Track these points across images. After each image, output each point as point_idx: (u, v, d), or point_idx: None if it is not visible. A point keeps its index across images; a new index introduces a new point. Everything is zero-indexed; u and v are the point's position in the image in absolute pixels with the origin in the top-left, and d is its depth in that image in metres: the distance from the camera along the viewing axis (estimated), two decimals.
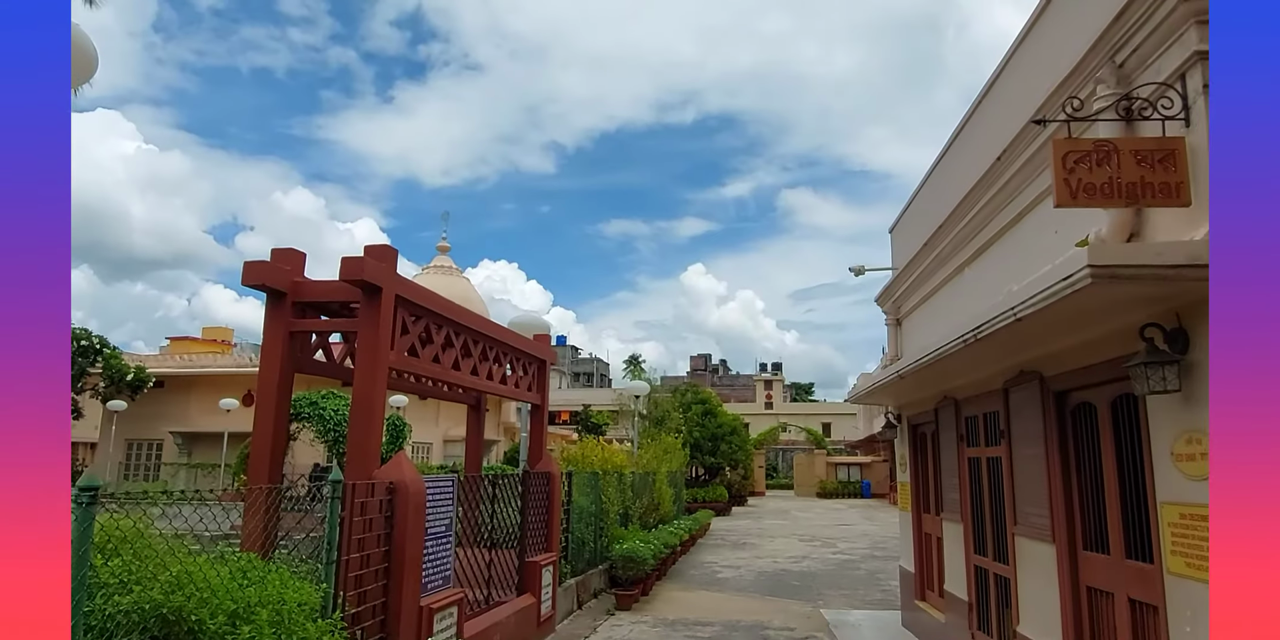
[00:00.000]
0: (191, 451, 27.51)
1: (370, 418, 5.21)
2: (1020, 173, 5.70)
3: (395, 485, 5.20)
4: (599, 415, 40.64)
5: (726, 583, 13.10)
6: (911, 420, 9.99)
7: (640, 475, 15.46)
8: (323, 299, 5.51)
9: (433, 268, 33.34)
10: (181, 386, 27.59)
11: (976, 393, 7.08)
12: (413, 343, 5.75)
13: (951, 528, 8.12)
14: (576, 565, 10.12)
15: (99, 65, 3.45)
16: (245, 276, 5.13)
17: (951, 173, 7.68)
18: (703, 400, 32.21)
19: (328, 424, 19.05)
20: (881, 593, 12.01)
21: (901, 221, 10.17)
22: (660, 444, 20.21)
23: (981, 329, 4.65)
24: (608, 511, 11.78)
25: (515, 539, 7.96)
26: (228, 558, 4.38)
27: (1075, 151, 3.74)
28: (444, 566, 6.05)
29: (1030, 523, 5.83)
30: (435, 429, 30.62)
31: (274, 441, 5.38)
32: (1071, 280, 3.49)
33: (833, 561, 15.90)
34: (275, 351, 5.36)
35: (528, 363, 8.56)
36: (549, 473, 8.73)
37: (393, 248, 5.29)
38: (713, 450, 31.00)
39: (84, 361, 22.83)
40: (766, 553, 17.34)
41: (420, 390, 7.78)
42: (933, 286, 8.57)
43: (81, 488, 2.87)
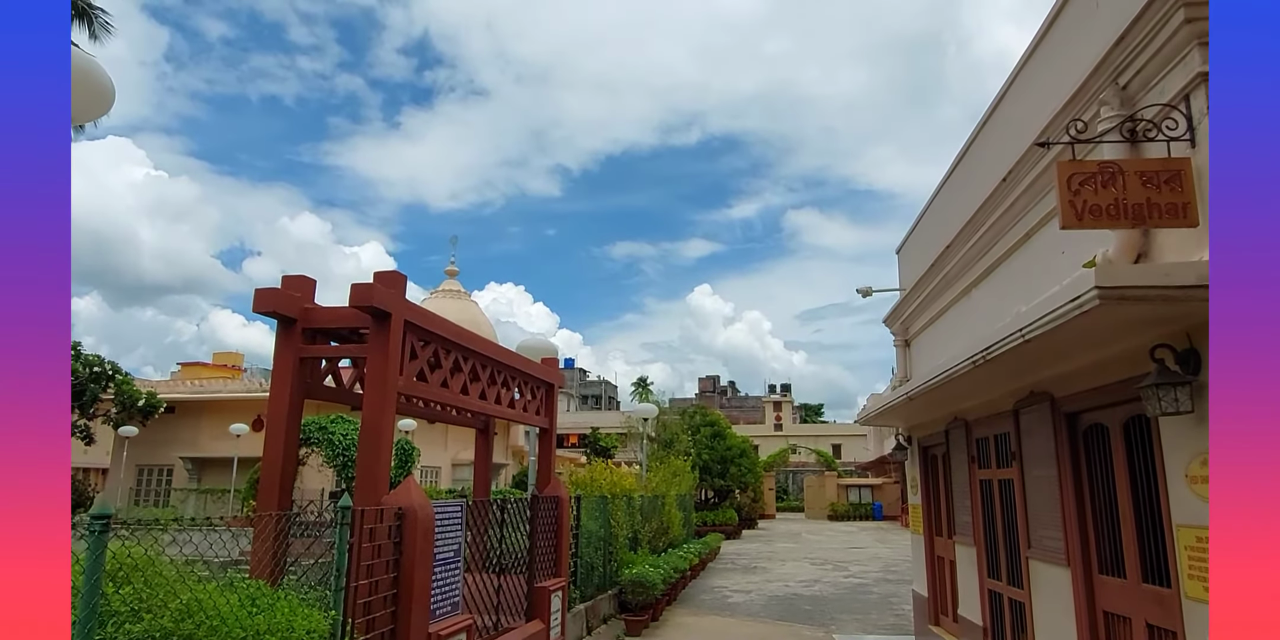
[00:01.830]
0: (201, 477, 27.49)
1: (379, 443, 5.21)
2: (1026, 194, 5.73)
3: (404, 511, 5.19)
4: (607, 438, 40.50)
5: (737, 607, 12.94)
6: (922, 442, 9.92)
7: (649, 499, 15.36)
8: (332, 325, 5.54)
9: (441, 292, 33.50)
10: (192, 412, 27.65)
11: (987, 414, 7.04)
12: (421, 367, 5.76)
13: (964, 551, 8.03)
14: (586, 590, 10.03)
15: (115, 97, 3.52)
16: (257, 304, 5.17)
17: (957, 194, 7.72)
18: (711, 422, 32.05)
19: (336, 448, 19.01)
20: (895, 617, 11.84)
21: (908, 242, 10.19)
22: (669, 467, 20.09)
23: (990, 350, 4.64)
24: (617, 536, 11.69)
25: (524, 564, 7.90)
26: (237, 585, 4.37)
27: (1080, 173, 3.76)
28: (453, 592, 6.01)
29: (1044, 546, 5.76)
30: (444, 453, 30.54)
31: (284, 467, 5.38)
32: (1079, 302, 3.49)
33: (845, 585, 15.70)
34: (285, 377, 5.38)
35: (536, 386, 8.56)
36: (557, 497, 8.68)
37: (401, 274, 5.32)
38: (722, 473, 30.78)
39: (96, 387, 22.88)
40: (778, 577, 17.14)
41: (429, 415, 7.78)
42: (940, 307, 8.57)
43: (94, 516, 2.87)
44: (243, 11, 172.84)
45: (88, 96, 3.37)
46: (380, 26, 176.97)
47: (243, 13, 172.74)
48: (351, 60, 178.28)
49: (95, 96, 3.39)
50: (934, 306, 8.82)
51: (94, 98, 3.39)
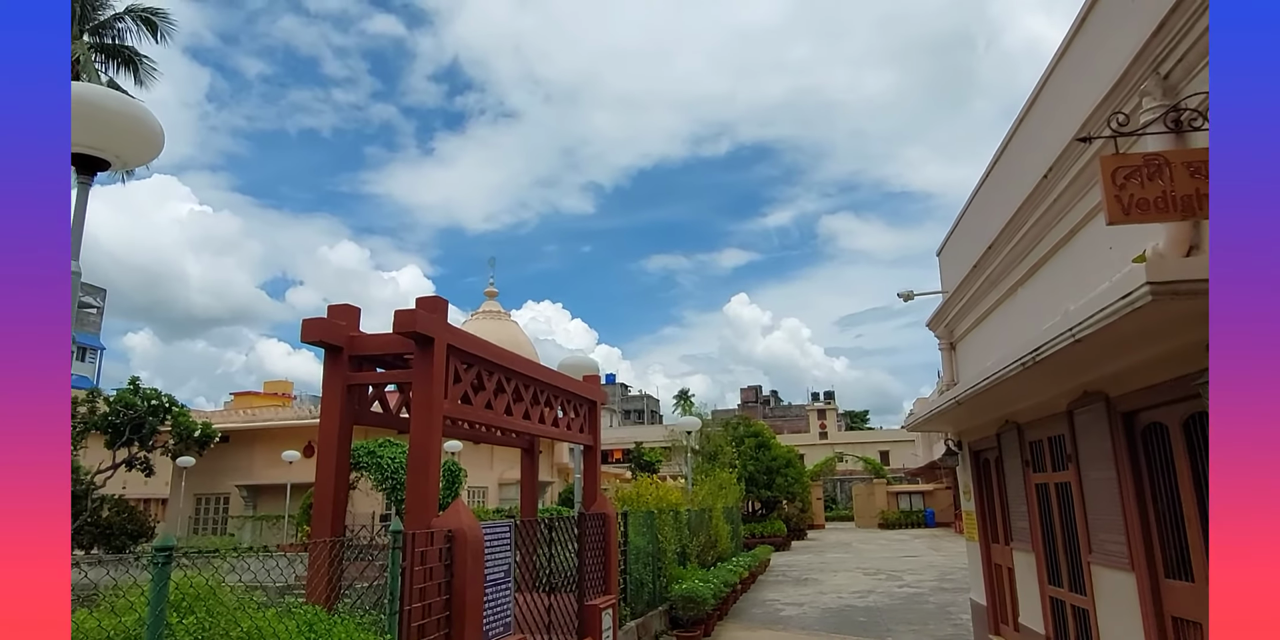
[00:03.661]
0: (257, 504, 28.05)
1: (427, 466, 5.27)
2: (1069, 190, 5.61)
3: (454, 533, 5.22)
4: (651, 452, 40.37)
5: (790, 620, 12.74)
6: (973, 447, 9.71)
7: (696, 512, 15.25)
8: (378, 352, 5.64)
9: (481, 313, 33.84)
10: (245, 440, 28.28)
11: (1039, 416, 6.87)
12: (465, 390, 5.83)
13: (1023, 558, 7.82)
14: (636, 607, 9.97)
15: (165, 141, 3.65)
16: (304, 334, 5.29)
17: (997, 193, 7.59)
18: (755, 433, 31.77)
19: (385, 472, 19.27)
20: (953, 627, 11.54)
21: (949, 244, 10.04)
22: (714, 479, 19.94)
23: (1040, 351, 4.53)
24: (665, 551, 11.61)
25: (573, 582, 7.89)
26: (295, 611, 4.43)
27: (1125, 167, 3.67)
28: (504, 612, 6.02)
29: (1106, 550, 5.58)
30: (490, 473, 30.74)
31: (336, 493, 5.47)
32: (1131, 298, 3.40)
33: (900, 595, 15.37)
34: (334, 405, 5.49)
35: (579, 404, 8.59)
36: (604, 514, 8.67)
37: (443, 298, 5.41)
38: (768, 484, 30.45)
39: (155, 420, 23.56)
40: (830, 588, 16.85)
41: (474, 436, 7.85)
42: (985, 309, 8.41)
43: (157, 548, 2.95)
44: (278, 48, 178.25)
45: (140, 142, 3.51)
46: (411, 55, 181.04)
47: (279, 49, 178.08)
48: (384, 90, 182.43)
49: (146, 141, 3.52)
50: (979, 308, 8.66)
51: (145, 143, 3.52)
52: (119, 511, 24.72)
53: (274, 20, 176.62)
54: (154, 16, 24.23)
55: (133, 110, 3.52)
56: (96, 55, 23.59)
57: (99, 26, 23.86)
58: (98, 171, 3.51)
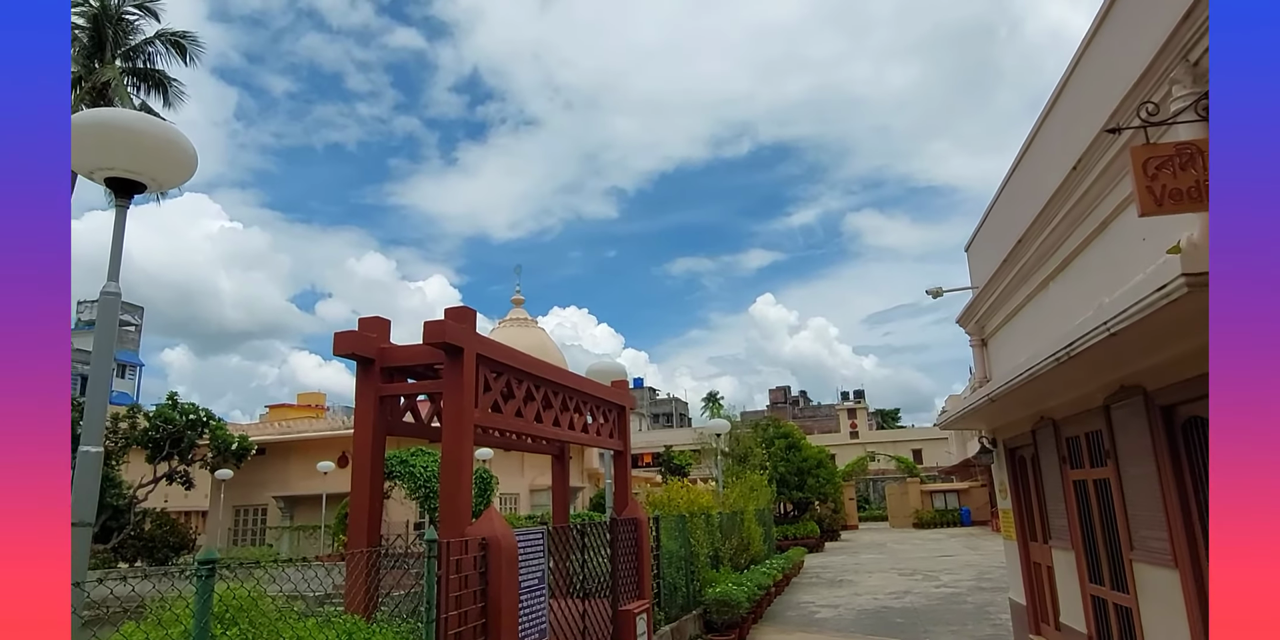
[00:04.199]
0: (293, 515, 28.45)
1: (460, 475, 5.31)
2: (1099, 182, 5.52)
3: (488, 541, 5.26)
4: (681, 455, 40.31)
5: (826, 623, 12.63)
6: (1008, 444, 9.57)
7: (727, 515, 15.19)
8: (408, 363, 5.70)
9: (509, 321, 34.07)
10: (281, 452, 28.70)
11: (1075, 412, 6.76)
12: (495, 399, 5.87)
13: (1062, 556, 7.68)
14: (670, 611, 9.95)
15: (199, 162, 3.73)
16: (336, 347, 5.37)
17: (1025, 186, 7.49)
18: (785, 434, 31.58)
19: (418, 480, 19.46)
20: (993, 627, 11.37)
21: (977, 239, 9.92)
22: (745, 482, 19.85)
23: (1074, 346, 4.46)
24: (697, 554, 11.58)
25: (607, 588, 7.90)
26: (334, 621, 4.49)
27: (1156, 157, 3.61)
28: (539, 619, 6.04)
29: (1148, 547, 5.47)
30: (521, 479, 30.87)
31: (371, 503, 5.53)
32: (1166, 290, 3.34)
33: (937, 596, 15.18)
34: (368, 416, 5.55)
35: (608, 409, 8.61)
36: (636, 519, 8.67)
37: (471, 309, 5.46)
38: (800, 485, 30.24)
39: (193, 435, 24.04)
40: (865, 589, 16.67)
41: (505, 444, 7.89)
42: (1017, 304, 8.29)
43: (201, 561, 3.00)
44: (303, 66, 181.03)
45: (174, 164, 3.59)
46: (432, 67, 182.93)
47: (303, 67, 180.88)
48: (407, 102, 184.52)
49: (180, 164, 3.61)
50: (1010, 303, 8.54)
51: (180, 165, 3.61)
52: (160, 525, 25.21)
53: (298, 38, 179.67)
54: (183, 39, 24.80)
55: (167, 133, 3.60)
56: (129, 79, 24.18)
57: (130, 51, 24.47)
58: (135, 194, 3.61)
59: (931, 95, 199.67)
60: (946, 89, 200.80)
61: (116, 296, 3.53)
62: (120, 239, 3.51)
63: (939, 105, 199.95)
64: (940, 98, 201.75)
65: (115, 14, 23.76)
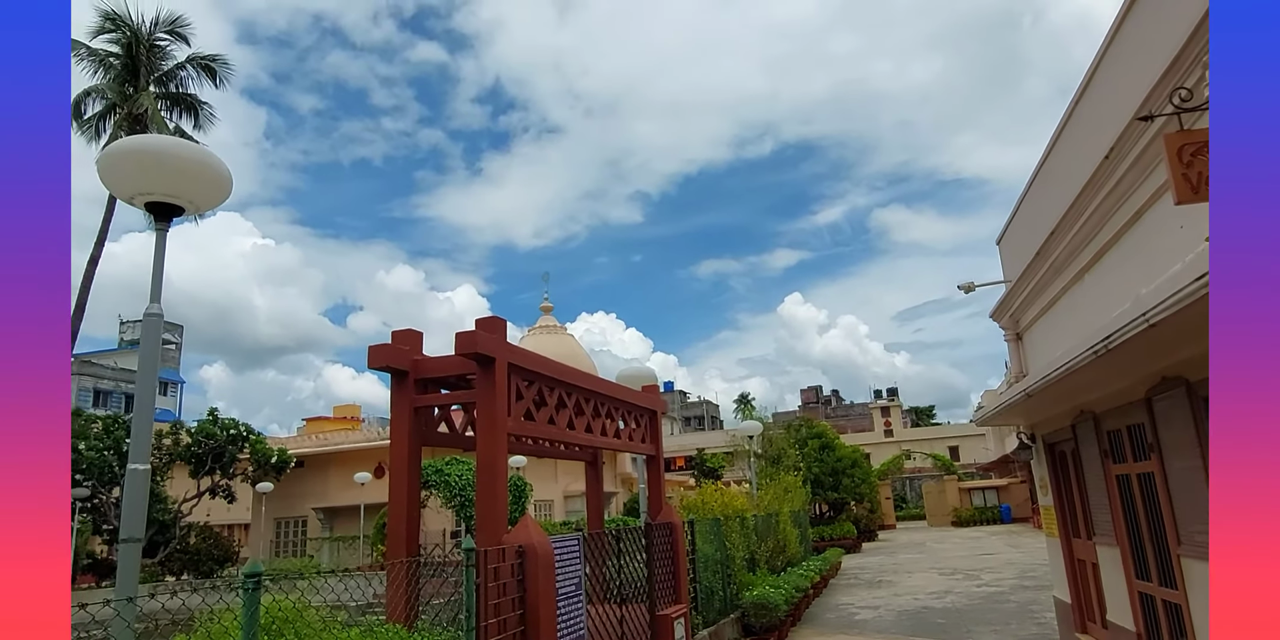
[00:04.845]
0: (333, 526, 28.84)
1: (495, 483, 5.35)
2: (1132, 170, 5.42)
3: (524, 548, 5.29)
4: (713, 458, 40.16)
5: (866, 624, 12.49)
6: (1047, 439, 9.41)
7: (762, 517, 15.10)
8: (441, 374, 5.76)
9: (538, 328, 34.27)
10: (319, 464, 29.13)
11: (1116, 405, 6.63)
12: (528, 407, 5.90)
13: (1107, 552, 7.53)
14: (707, 615, 9.91)
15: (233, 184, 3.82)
16: (371, 360, 5.45)
17: (1056, 177, 7.38)
18: (818, 434, 31.32)
19: (453, 489, 19.63)
20: (1037, 626, 11.16)
21: (1008, 232, 9.79)
22: (779, 483, 19.70)
23: (1111, 339, 4.38)
24: (733, 557, 11.52)
25: (644, 593, 7.89)
26: (377, 630, 4.54)
27: (1191, 143, 3.54)
28: (577, 625, 6.05)
29: (1196, 542, 5.34)
30: (555, 485, 30.99)
31: (409, 513, 5.59)
32: (1207, 279, 3.26)
33: (978, 595, 14.94)
34: (403, 428, 5.62)
35: (639, 415, 8.61)
36: (671, 523, 8.66)
37: (501, 318, 5.50)
38: (835, 485, 29.96)
39: (234, 449, 24.53)
40: (905, 589, 16.47)
41: (538, 451, 7.94)
42: (1051, 297, 8.16)
43: (247, 574, 3.06)
44: (329, 83, 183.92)
45: (211, 187, 3.68)
46: (454, 80, 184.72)
47: (329, 84, 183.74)
48: (431, 115, 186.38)
49: (217, 186, 3.69)
50: (1044, 296, 8.41)
51: (216, 188, 3.70)
52: (205, 538, 25.70)
53: (323, 56, 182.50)
54: (213, 62, 25.39)
55: (203, 157, 3.69)
56: (162, 103, 24.80)
57: (163, 76, 25.09)
58: (174, 218, 3.70)
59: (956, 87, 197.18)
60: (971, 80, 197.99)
61: (159, 317, 3.62)
62: (161, 262, 3.60)
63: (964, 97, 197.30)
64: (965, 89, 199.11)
65: (148, 41, 24.37)
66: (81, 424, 24.69)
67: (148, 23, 24.33)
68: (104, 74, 24.31)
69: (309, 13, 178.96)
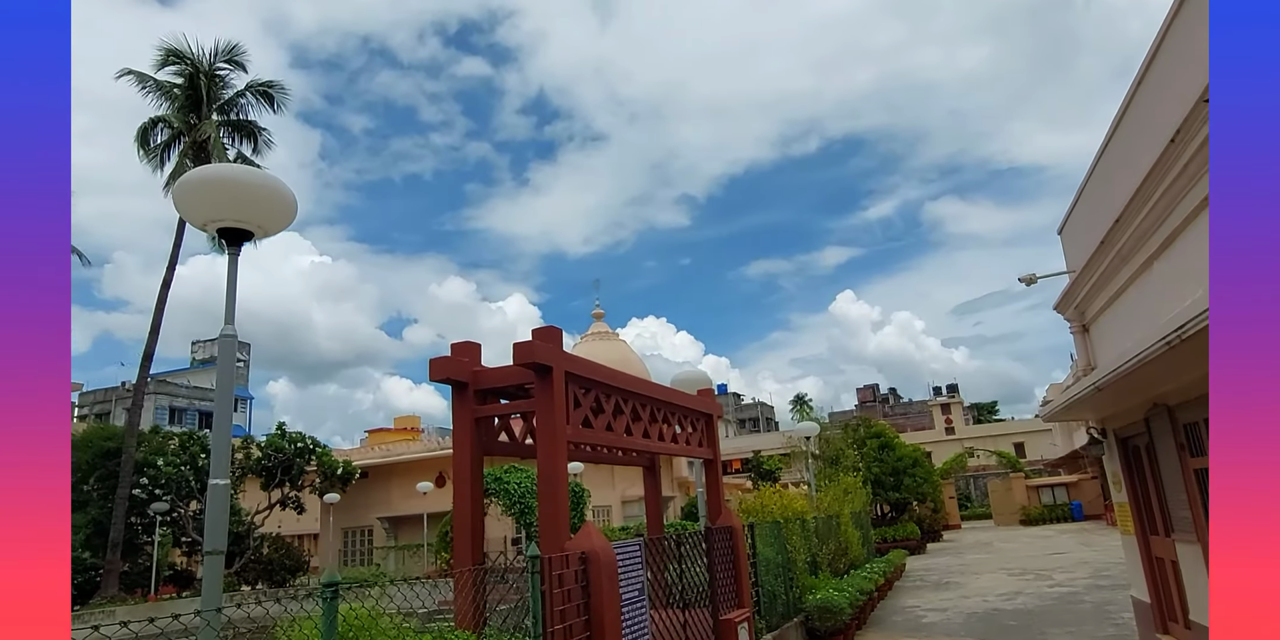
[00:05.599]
0: (397, 534, 29.49)
1: (556, 491, 5.41)
2: (1200, 153, 5.22)
3: (587, 554, 5.33)
4: (770, 460, 39.83)
5: (934, 627, 12.22)
6: (1119, 433, 9.10)
7: (823, 519, 14.92)
8: (500, 384, 5.86)
9: (591, 335, 34.52)
10: (383, 475, 29.85)
11: (1193, 396, 6.38)
12: (585, 414, 5.96)
13: (1187, 549, 7.23)
14: (771, 620, 9.83)
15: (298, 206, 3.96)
16: (432, 373, 5.57)
17: (1119, 162, 7.15)
18: (877, 434, 30.81)
19: (513, 497, 19.89)
20: (1114, 627, 10.77)
21: (1070, 221, 9.51)
22: (839, 485, 19.45)
23: (1185, 328, 4.23)
24: (795, 561, 11.40)
25: (706, 597, 7.87)
26: (448, 636, 4.64)
27: None
28: (642, 631, 6.07)
29: None
30: (612, 491, 31.10)
31: (473, 522, 5.69)
32: None
33: (1051, 596, 14.49)
34: (465, 438, 5.73)
35: (695, 418, 8.61)
36: (731, 527, 8.63)
37: (557, 328, 5.58)
38: (896, 485, 29.41)
39: (302, 462, 25.33)
40: (973, 591, 16.06)
41: (596, 458, 8.00)
42: (1119, 286, 7.89)
43: (325, 584, 3.17)
44: (378, 103, 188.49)
45: (277, 211, 3.84)
46: (499, 93, 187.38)
47: (378, 104, 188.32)
48: (477, 129, 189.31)
49: (283, 210, 3.84)
50: (1111, 286, 8.13)
51: (282, 212, 3.85)
52: (277, 548, 26.56)
53: (373, 77, 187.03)
54: (270, 88, 26.35)
55: (270, 183, 3.85)
56: (224, 131, 25.83)
57: (225, 105, 26.13)
58: (244, 242, 3.86)
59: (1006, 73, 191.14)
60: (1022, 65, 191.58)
61: (233, 338, 3.77)
62: (234, 285, 3.75)
63: (1015, 82, 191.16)
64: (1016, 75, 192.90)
65: (209, 71, 25.40)
66: (159, 441, 25.78)
67: (208, 54, 25.36)
68: (169, 105, 25.41)
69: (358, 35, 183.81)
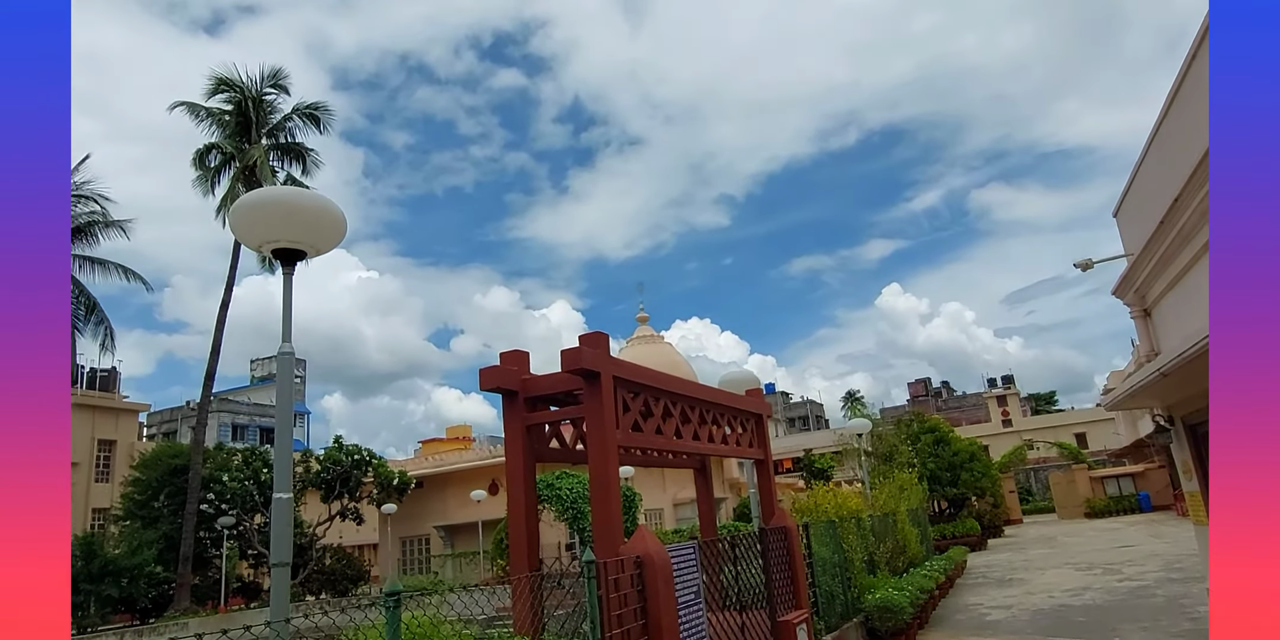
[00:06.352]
0: (453, 542, 29.94)
1: (609, 496, 5.44)
2: None
3: (642, 558, 5.34)
4: (821, 459, 39.39)
5: (999, 625, 11.92)
6: (1187, 421, 8.79)
7: (879, 518, 14.69)
8: (549, 391, 5.92)
9: (636, 339, 34.62)
10: (437, 484, 30.35)
11: None
12: (635, 418, 5.98)
13: None
14: (829, 620, 9.71)
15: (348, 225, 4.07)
16: (483, 383, 5.65)
17: (1175, 140, 6.92)
18: (931, 428, 30.23)
19: (565, 502, 20.04)
20: (1190, 622, 10.37)
21: (1126, 203, 9.24)
22: (894, 482, 19.14)
23: None
24: (852, 560, 11.25)
25: (763, 599, 7.81)
26: None
27: None
28: (699, 634, 6.05)
29: None
30: (664, 494, 31.09)
31: (528, 529, 5.75)
32: None
33: (1120, 590, 14.02)
34: (517, 446, 5.80)
35: (745, 419, 8.57)
36: (785, 527, 8.56)
37: (604, 333, 5.61)
38: (953, 481, 28.81)
39: (359, 473, 25.91)
40: (1039, 587, 15.64)
41: (647, 462, 8.01)
42: (1181, 267, 7.63)
43: (388, 593, 3.24)
44: (418, 119, 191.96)
45: (329, 231, 3.96)
46: (535, 102, 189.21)
47: (418, 120, 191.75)
48: (515, 139, 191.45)
49: (334, 230, 3.96)
50: (1172, 268, 7.87)
51: (333, 231, 3.96)
52: (338, 559, 27.16)
53: (411, 93, 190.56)
54: (315, 111, 27.11)
55: (321, 204, 3.97)
56: (274, 154, 26.65)
57: (273, 129, 26.97)
58: (297, 262, 3.98)
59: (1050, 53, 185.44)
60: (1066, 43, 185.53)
61: (291, 355, 3.89)
62: (289, 304, 3.87)
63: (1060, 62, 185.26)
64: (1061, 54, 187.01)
65: (256, 96, 26.22)
66: (224, 457, 26.60)
67: (254, 80, 26.17)
68: (220, 131, 26.29)
69: (395, 53, 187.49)
